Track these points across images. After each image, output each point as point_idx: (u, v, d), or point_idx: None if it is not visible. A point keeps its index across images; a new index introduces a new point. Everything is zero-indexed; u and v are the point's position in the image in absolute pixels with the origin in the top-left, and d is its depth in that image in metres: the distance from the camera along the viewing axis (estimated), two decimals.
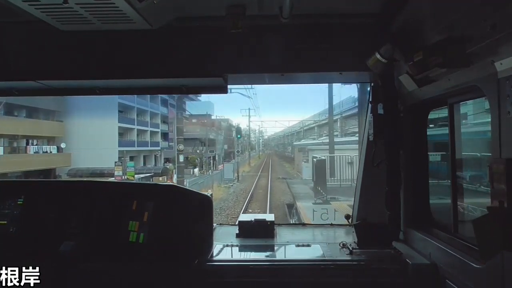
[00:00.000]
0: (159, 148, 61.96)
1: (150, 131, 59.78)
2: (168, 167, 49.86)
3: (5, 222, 3.66)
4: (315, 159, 24.98)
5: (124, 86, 4.22)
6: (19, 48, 3.76)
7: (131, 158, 52.81)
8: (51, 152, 43.23)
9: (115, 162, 38.33)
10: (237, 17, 3.19)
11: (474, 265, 2.57)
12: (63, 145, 43.54)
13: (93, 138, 43.82)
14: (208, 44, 3.72)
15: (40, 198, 3.78)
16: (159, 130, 63.23)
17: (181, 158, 31.06)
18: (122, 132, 51.78)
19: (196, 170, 55.14)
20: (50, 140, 44.55)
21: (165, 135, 65.98)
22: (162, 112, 64.11)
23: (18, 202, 3.74)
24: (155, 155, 60.00)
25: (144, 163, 56.73)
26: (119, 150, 46.60)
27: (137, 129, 55.37)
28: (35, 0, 2.69)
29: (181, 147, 30.57)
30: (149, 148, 58.58)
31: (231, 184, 43.35)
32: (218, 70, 3.71)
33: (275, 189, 37.26)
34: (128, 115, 53.53)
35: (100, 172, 37.43)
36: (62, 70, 3.75)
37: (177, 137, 31.39)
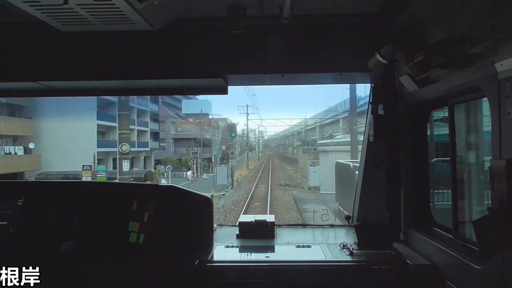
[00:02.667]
0: (148, 148, 57.20)
1: (138, 130, 54.48)
2: (153, 170, 46.34)
3: (6, 222, 3.66)
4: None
5: (124, 87, 4.22)
6: (19, 49, 3.76)
7: (115, 160, 47.39)
8: (16, 153, 37.37)
9: (83, 166, 32.93)
10: (238, 18, 3.20)
11: (474, 265, 2.57)
12: (31, 146, 37.94)
13: (68, 137, 38.67)
14: (208, 45, 3.72)
15: (40, 198, 3.79)
16: (148, 129, 58.90)
17: (126, 166, 22.11)
18: (104, 131, 47.90)
19: (189, 173, 50.82)
20: (16, 139, 38.71)
21: (155, 135, 62.39)
22: (152, 110, 59.76)
23: (19, 203, 3.74)
24: (144, 157, 54.92)
25: (131, 166, 52.07)
26: (99, 151, 41.43)
27: None
28: (35, 1, 2.69)
29: (126, 147, 21.12)
30: (137, 148, 51.52)
31: (222, 193, 35.58)
32: (219, 71, 3.71)
33: (277, 201, 30.16)
34: (110, 112, 47.39)
35: (74, 177, 31.91)
36: (62, 71, 3.75)
37: (121, 132, 23.11)
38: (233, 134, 62.52)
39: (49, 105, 38.17)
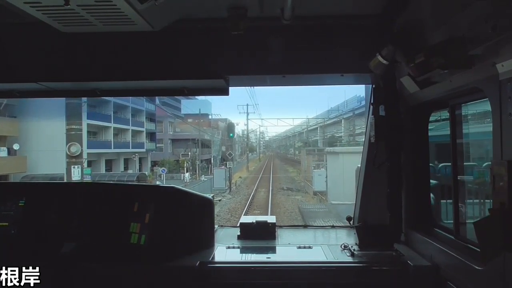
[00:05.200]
0: (144, 149, 55.53)
1: (132, 130, 52.94)
2: (147, 173, 45.24)
3: (7, 223, 3.66)
4: None
5: (125, 88, 4.23)
6: (20, 50, 3.76)
7: (107, 162, 47.21)
8: None
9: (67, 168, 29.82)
10: (239, 19, 3.20)
11: (475, 266, 2.57)
12: (16, 146, 35.41)
13: (56, 137, 33.22)
14: (209, 46, 3.72)
15: (42, 199, 3.79)
16: (143, 129, 56.92)
17: (77, 172, 18.06)
18: (96, 131, 46.05)
19: (187, 175, 48.93)
20: None
21: (151, 135, 61.13)
22: (148, 109, 57.94)
23: (20, 204, 3.74)
24: (139, 159, 52.73)
25: (125, 168, 50.95)
26: (90, 153, 38.64)
27: (114, 127, 48.12)
28: (36, 2, 2.69)
29: (75, 148, 17.75)
30: (131, 149, 51.21)
31: (219, 199, 31.66)
32: (220, 72, 3.70)
33: (278, 208, 27.33)
34: (103, 111, 46.27)
35: (61, 180, 27.94)
36: (63, 72, 3.75)
37: (68, 128, 20.16)
38: (231, 134, 61.28)
39: (36, 104, 35.25)
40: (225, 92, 3.99)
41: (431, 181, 3.87)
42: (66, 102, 21.05)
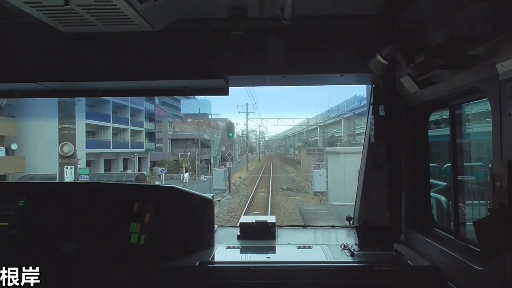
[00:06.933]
0: (143, 149, 55.53)
1: (131, 129, 52.95)
2: (146, 173, 45.04)
3: (7, 224, 3.66)
4: None
5: (125, 88, 4.23)
6: (20, 50, 3.76)
7: (106, 162, 47.07)
8: None
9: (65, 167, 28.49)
10: (239, 19, 3.20)
11: (475, 267, 2.57)
12: (14, 146, 34.98)
13: (54, 137, 30.81)
14: (209, 46, 3.72)
15: (42, 199, 3.79)
16: (143, 129, 56.95)
17: (70, 173, 16.99)
18: (95, 131, 46.20)
19: (186, 175, 48.68)
20: None
21: (151, 135, 61.01)
22: (148, 109, 57.70)
23: (19, 204, 3.74)
24: (138, 158, 52.86)
25: (125, 168, 50.84)
26: (88, 153, 39.01)
27: (113, 127, 48.11)
28: (36, 2, 2.69)
29: (68, 148, 16.70)
30: (130, 149, 51.26)
31: (218, 200, 30.02)
32: (220, 72, 3.70)
33: (279, 209, 26.63)
34: (101, 111, 46.53)
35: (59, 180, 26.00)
36: (63, 71, 3.76)
37: (62, 127, 18.81)
38: (231, 134, 61.03)
39: (34, 104, 34.74)
40: (225, 92, 3.98)
41: (440, 183, 3.86)
42: (59, 101, 20.51)
